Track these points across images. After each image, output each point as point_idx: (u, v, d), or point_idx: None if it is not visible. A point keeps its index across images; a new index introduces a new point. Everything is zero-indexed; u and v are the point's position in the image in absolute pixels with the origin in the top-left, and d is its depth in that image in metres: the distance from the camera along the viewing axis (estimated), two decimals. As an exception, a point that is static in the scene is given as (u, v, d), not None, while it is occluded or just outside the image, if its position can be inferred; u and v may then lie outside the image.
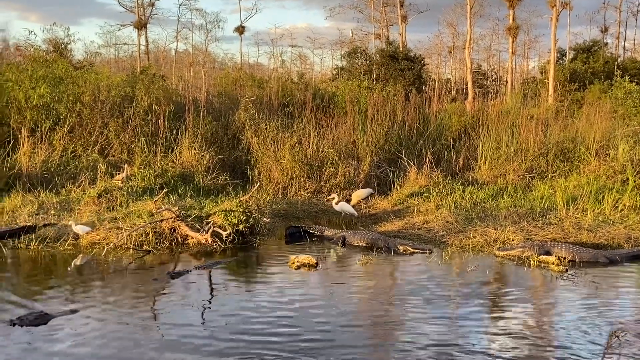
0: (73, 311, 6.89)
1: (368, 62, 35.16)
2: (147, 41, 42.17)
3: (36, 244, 10.05)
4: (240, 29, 51.14)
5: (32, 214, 11.53)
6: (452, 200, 13.10)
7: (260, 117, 16.27)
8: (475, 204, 12.92)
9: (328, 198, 13.05)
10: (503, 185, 14.48)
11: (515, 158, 15.66)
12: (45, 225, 10.75)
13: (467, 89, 35.30)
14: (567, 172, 15.15)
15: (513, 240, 10.48)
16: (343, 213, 12.66)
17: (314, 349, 5.94)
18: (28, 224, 10.77)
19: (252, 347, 5.99)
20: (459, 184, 14.23)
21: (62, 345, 5.93)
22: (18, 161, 13.88)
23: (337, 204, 12.59)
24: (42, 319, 6.51)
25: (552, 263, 9.34)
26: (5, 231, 10.40)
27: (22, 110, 14.97)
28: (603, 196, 12.45)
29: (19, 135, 14.49)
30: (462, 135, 17.93)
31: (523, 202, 12.94)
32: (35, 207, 11.84)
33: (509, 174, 15.24)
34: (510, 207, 12.51)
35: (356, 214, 12.69)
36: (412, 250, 10.17)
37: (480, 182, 15.05)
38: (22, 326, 6.33)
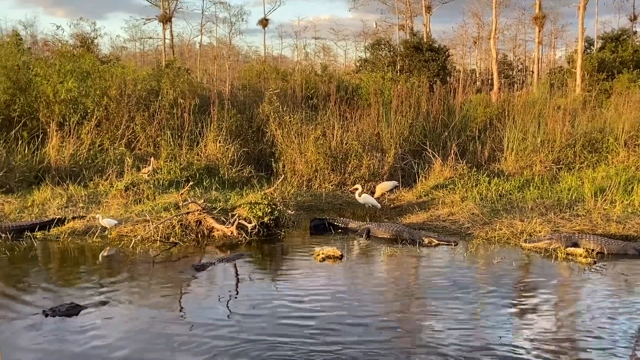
0: (103, 302, 7.01)
1: (392, 53, 34.96)
2: (172, 35, 42.44)
3: (66, 236, 10.22)
4: (264, 22, 51.19)
5: (61, 207, 11.72)
6: (477, 192, 13.02)
7: (285, 109, 16.31)
8: (501, 196, 12.82)
9: (352, 189, 13.06)
10: (529, 177, 14.34)
11: (542, 149, 15.48)
12: (74, 218, 10.91)
13: (492, 79, 34.96)
14: (595, 163, 14.96)
15: (540, 232, 10.38)
16: (366, 205, 12.66)
17: (339, 341, 5.96)
18: (57, 217, 10.94)
19: (277, 338, 6.03)
20: (485, 175, 14.12)
21: (92, 336, 6.03)
22: (47, 155, 14.11)
23: (360, 195, 12.58)
24: (73, 310, 6.63)
25: (580, 255, 9.24)
26: (35, 223, 10.59)
27: (50, 105, 15.18)
28: (632, 187, 12.27)
29: (48, 130, 14.71)
30: (488, 126, 17.77)
31: (550, 193, 12.81)
32: (64, 200, 12.04)
33: (536, 165, 15.08)
34: (537, 198, 12.39)
35: (379, 206, 12.67)
36: (437, 242, 10.13)
37: (506, 173, 14.91)
38: (54, 317, 6.45)
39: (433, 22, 58.90)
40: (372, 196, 13.06)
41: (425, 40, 36.11)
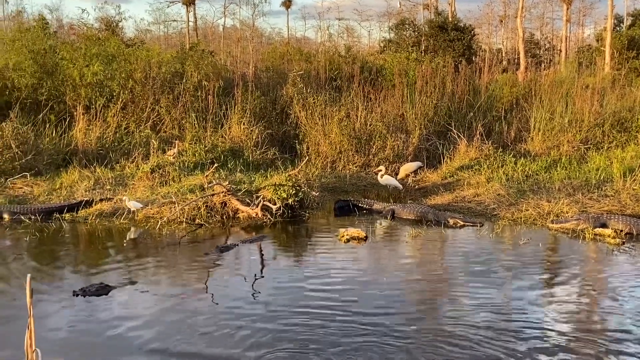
0: (131, 283, 7.10)
1: (416, 33, 34.59)
2: (195, 18, 42.54)
3: (93, 218, 10.36)
4: (287, 3, 51.02)
5: (89, 189, 11.87)
6: (503, 172, 12.90)
7: (308, 91, 16.26)
8: (528, 177, 12.70)
9: (375, 170, 13.00)
10: (557, 157, 14.17)
11: (570, 129, 15.27)
12: (101, 200, 11.05)
13: (519, 59, 34.41)
14: (625, 143, 14.73)
15: (567, 213, 10.27)
16: (388, 186, 12.61)
17: (363, 321, 5.97)
18: (85, 199, 11.08)
19: (301, 318, 6.05)
20: (511, 156, 13.98)
21: (121, 315, 6.12)
22: (74, 138, 14.28)
23: (382, 177, 12.53)
24: (103, 289, 6.73)
25: (608, 236, 9.13)
26: (63, 205, 10.75)
27: (76, 88, 15.33)
28: (662, 167, 12.05)
29: (75, 113, 14.87)
30: (514, 106, 17.58)
31: (578, 174, 12.65)
32: (91, 182, 12.19)
33: (563, 146, 14.88)
34: (564, 179, 12.25)
35: (401, 187, 12.62)
36: (462, 223, 10.07)
37: (532, 154, 14.75)
38: (84, 296, 6.56)
39: (458, 1, 58.00)
40: (396, 177, 13.01)
41: (450, 19, 35.63)
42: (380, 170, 12.63)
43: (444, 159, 14.44)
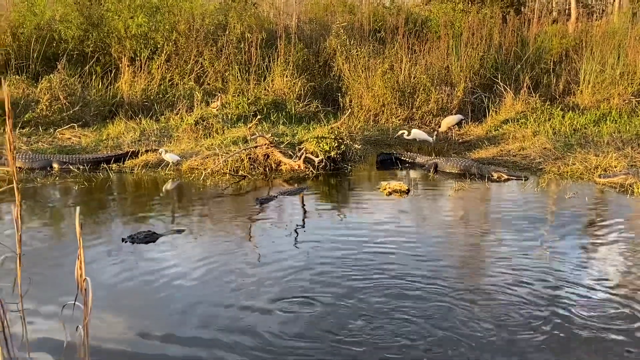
0: (178, 231, 7.25)
1: (463, -17, 33.58)
2: (238, -32, 42.09)
3: (139, 168, 10.57)
4: (331, -47, 49.93)
5: (135, 140, 12.08)
6: (550, 126, 12.64)
7: (352, 43, 16.08)
8: (576, 130, 12.42)
9: (397, 135, 12.65)
10: (606, 111, 13.79)
11: (621, 81, 14.81)
12: (147, 151, 11.23)
13: (569, 9, 33.20)
14: (679, 96, 14.21)
15: (615, 167, 10.03)
16: (418, 140, 12.42)
17: (404, 274, 5.97)
18: (131, 150, 11.29)
19: (343, 269, 6.09)
20: (559, 109, 13.68)
21: (168, 262, 6.28)
22: (120, 90, 14.48)
23: (408, 135, 12.30)
24: (151, 237, 6.90)
25: (658, 191, 8.91)
26: (110, 156, 10.97)
27: (121, 40, 15.45)
28: None
29: (120, 65, 15.04)
30: (563, 58, 17.10)
31: (628, 127, 12.32)
32: (137, 133, 12.39)
33: (614, 99, 14.46)
34: (614, 132, 11.95)
35: (431, 140, 12.42)
36: (506, 177, 9.95)
37: (581, 107, 14.38)
38: (132, 244, 6.74)
39: (507, -50, 55.88)
40: (438, 129, 12.84)
41: (498, -32, 34.45)
42: (404, 133, 12.37)
43: (489, 112, 14.22)
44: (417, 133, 12.37)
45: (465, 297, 5.43)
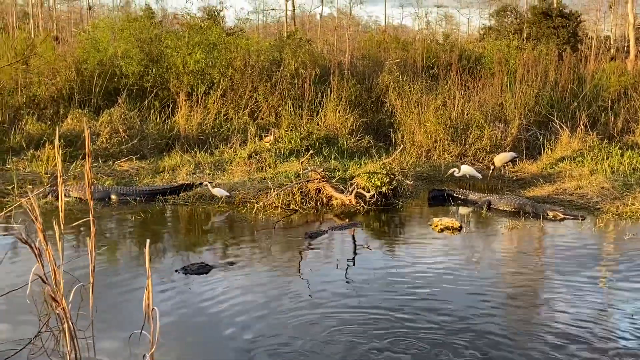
0: (230, 263, 7.34)
1: (518, 20, 33.48)
2: (293, 6, 42.98)
3: (193, 200, 10.76)
4: (385, -9, 50.53)
5: (190, 173, 12.33)
6: (608, 165, 12.35)
7: (404, 79, 16.16)
8: (635, 170, 12.11)
9: (448, 174, 12.45)
10: (668, 150, 13.39)
11: (684, 121, 14.39)
12: (200, 184, 11.44)
13: (628, 46, 32.58)
14: None
15: (678, 209, 9.69)
16: (467, 176, 12.26)
17: (454, 312, 5.89)
18: (186, 182, 11.51)
19: (393, 305, 6.03)
20: (617, 148, 13.35)
21: (218, 293, 6.35)
22: (176, 123, 14.88)
23: (458, 172, 12.16)
24: (203, 269, 7.01)
25: None
26: (166, 188, 11.21)
27: (179, 75, 15.93)
28: None
29: (177, 99, 15.48)
30: (622, 96, 16.77)
31: (691, 168, 11.91)
32: (192, 166, 12.66)
33: (675, 137, 14.05)
34: (676, 173, 11.57)
35: (480, 176, 12.27)
36: (562, 216, 9.71)
37: (641, 146, 14.01)
38: (185, 274, 6.85)
39: (564, -14, 55.41)
40: (493, 166, 12.68)
41: (555, 5, 34.23)
42: (454, 171, 12.28)
43: (544, 149, 13.99)
44: (466, 169, 12.25)
45: (519, 337, 5.31)
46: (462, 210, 10.69)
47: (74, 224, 6.94)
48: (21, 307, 5.26)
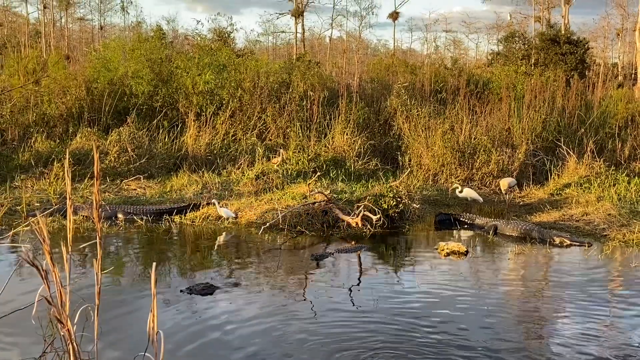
0: (235, 284, 7.34)
1: (526, 46, 33.59)
2: (303, 29, 43.45)
3: (200, 220, 10.78)
4: (394, 15, 51.00)
5: (197, 193, 12.36)
6: (615, 191, 12.31)
7: (412, 103, 16.22)
8: (643, 197, 12.04)
9: (451, 189, 12.58)
10: (676, 178, 13.33)
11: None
12: (208, 204, 11.46)
13: (636, 74, 32.64)
14: None
15: (686, 238, 9.63)
16: (469, 198, 12.29)
17: (460, 337, 5.86)
18: (193, 202, 11.53)
19: (398, 330, 6.02)
20: (624, 174, 13.31)
21: (223, 315, 6.34)
22: (185, 143, 14.93)
23: (461, 192, 12.23)
24: (208, 289, 7.01)
25: None
26: (173, 208, 11.24)
27: (189, 96, 16.04)
28: None
29: (186, 119, 15.56)
30: (629, 123, 16.77)
31: (699, 196, 11.85)
32: (199, 186, 12.70)
33: (683, 165, 14.00)
34: (684, 201, 11.51)
35: (481, 200, 12.35)
36: (569, 242, 9.66)
37: (648, 173, 13.96)
38: (190, 294, 6.85)
39: (572, 14, 55.75)
40: (502, 191, 12.68)
41: (563, 32, 34.39)
42: (457, 188, 12.32)
43: (551, 175, 13.96)
44: (468, 192, 12.33)
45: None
46: (469, 234, 10.66)
47: (81, 246, 6.95)
48: (27, 326, 5.26)
